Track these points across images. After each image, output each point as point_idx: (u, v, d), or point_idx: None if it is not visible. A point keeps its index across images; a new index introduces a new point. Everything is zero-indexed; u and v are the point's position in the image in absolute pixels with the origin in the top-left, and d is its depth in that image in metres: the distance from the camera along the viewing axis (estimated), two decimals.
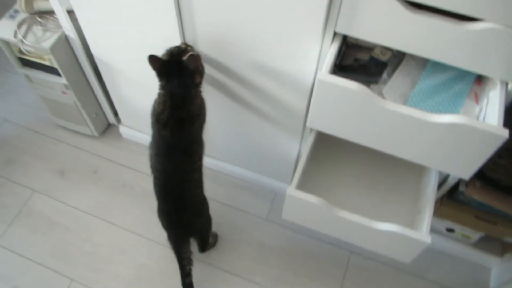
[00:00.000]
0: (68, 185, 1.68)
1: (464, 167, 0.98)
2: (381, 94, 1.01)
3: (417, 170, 1.36)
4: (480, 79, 1.00)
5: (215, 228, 1.52)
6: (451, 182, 1.24)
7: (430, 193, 1.20)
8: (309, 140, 1.28)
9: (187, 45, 1.13)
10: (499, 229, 1.29)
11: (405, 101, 1.00)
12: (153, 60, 1.06)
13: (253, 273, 1.51)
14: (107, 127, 1.82)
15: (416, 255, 1.18)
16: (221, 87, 1.29)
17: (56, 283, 1.48)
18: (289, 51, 1.06)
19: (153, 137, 1.17)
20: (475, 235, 1.42)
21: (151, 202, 1.60)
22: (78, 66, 1.51)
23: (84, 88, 1.58)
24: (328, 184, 1.37)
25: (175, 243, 1.33)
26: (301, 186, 1.23)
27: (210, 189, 1.65)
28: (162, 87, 1.10)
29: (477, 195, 1.21)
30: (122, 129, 1.77)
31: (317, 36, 0.99)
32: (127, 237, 1.57)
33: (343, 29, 0.95)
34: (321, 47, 1.02)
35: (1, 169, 1.71)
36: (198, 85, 1.12)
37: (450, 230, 1.45)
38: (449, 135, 0.91)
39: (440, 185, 1.25)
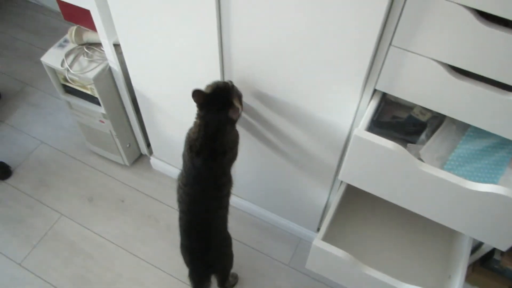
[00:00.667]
0: (95, 212, 1.71)
1: (501, 238, 0.94)
2: (418, 155, 0.99)
3: (449, 232, 1.31)
4: None
5: (235, 269, 1.49)
6: (485, 249, 1.19)
7: (462, 259, 1.15)
8: (339, 191, 1.26)
9: (232, 84, 1.14)
10: None
11: (442, 165, 0.98)
12: (197, 94, 1.08)
13: None
14: (139, 157, 1.85)
15: None
16: (252, 127, 1.30)
17: None
18: (326, 102, 1.07)
19: (184, 167, 1.18)
20: None
21: (174, 237, 1.61)
22: (118, 97, 1.55)
23: (121, 118, 1.63)
24: (355, 237, 1.33)
25: (197, 281, 1.31)
26: (328, 237, 1.21)
27: (233, 228, 1.63)
28: (200, 117, 1.11)
29: None
30: (153, 160, 1.79)
31: (357, 91, 0.99)
32: (148, 270, 1.57)
33: (383, 87, 0.95)
34: (359, 102, 1.02)
35: (33, 190, 1.76)
36: (235, 121, 1.14)
37: None
38: (487, 205, 0.87)
39: (473, 251, 1.21)
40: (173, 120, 1.48)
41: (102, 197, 1.75)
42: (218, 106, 1.09)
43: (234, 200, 1.68)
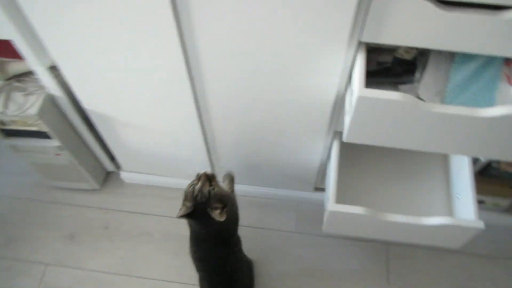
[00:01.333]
0: (81, 249, 1.57)
1: (509, 152, 0.97)
2: (416, 95, 0.98)
3: (443, 159, 1.36)
4: (509, 61, 0.99)
5: (248, 253, 1.47)
6: (484, 161, 1.24)
7: (468, 178, 1.18)
8: (335, 150, 1.25)
9: (210, 181, 1.07)
10: None
11: (443, 98, 0.98)
12: (182, 217, 1.06)
13: None
14: (107, 177, 1.71)
15: (467, 241, 1.19)
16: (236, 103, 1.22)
17: None
18: (310, 64, 1.00)
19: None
20: (506, 202, 1.44)
21: (174, 245, 1.53)
22: (68, 124, 1.39)
23: (78, 144, 1.47)
24: (357, 188, 1.34)
25: None
26: (337, 197, 1.20)
27: None
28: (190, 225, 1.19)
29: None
30: (124, 174, 1.66)
31: (341, 47, 0.94)
32: (164, 286, 1.49)
33: (369, 38, 0.91)
34: (345, 59, 0.97)
35: (4, 251, 1.57)
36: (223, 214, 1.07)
37: (480, 202, 1.46)
38: (501, 126, 0.89)
39: None
40: (137, 129, 1.35)
41: (84, 231, 1.61)
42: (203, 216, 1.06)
43: None
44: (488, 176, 1.31)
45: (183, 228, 1.53)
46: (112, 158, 1.64)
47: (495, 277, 1.47)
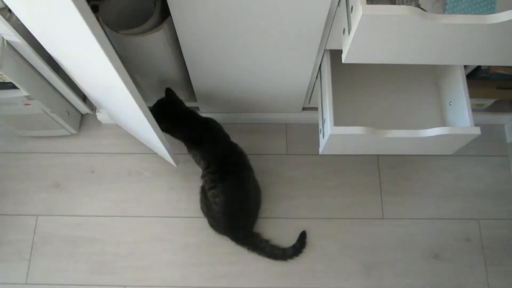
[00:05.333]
0: (70, 196, 1.52)
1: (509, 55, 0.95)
2: (417, 5, 0.92)
3: (429, 66, 1.33)
4: None
5: None
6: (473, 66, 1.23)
7: (460, 85, 1.18)
8: (326, 71, 1.19)
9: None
10: None
11: (444, 5, 0.92)
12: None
13: (295, 209, 1.50)
14: (82, 120, 1.61)
15: (462, 147, 1.21)
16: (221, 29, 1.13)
17: None
18: None
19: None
20: (490, 102, 1.46)
21: (165, 180, 1.55)
22: (33, 70, 1.26)
23: (47, 90, 1.35)
24: (349, 106, 1.31)
25: (251, 243, 1.43)
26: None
27: None
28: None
29: (502, 69, 1.21)
30: (100, 116, 1.56)
31: None
32: (159, 224, 1.49)
33: None
34: None
35: None
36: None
37: None
38: (506, 32, 0.85)
39: None
40: None
41: (69, 178, 1.54)
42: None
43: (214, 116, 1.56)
44: (476, 78, 1.31)
45: (172, 163, 1.51)
46: (84, 99, 1.53)
47: (479, 174, 1.55)
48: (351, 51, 0.93)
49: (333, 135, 1.14)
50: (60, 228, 1.48)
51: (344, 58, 0.96)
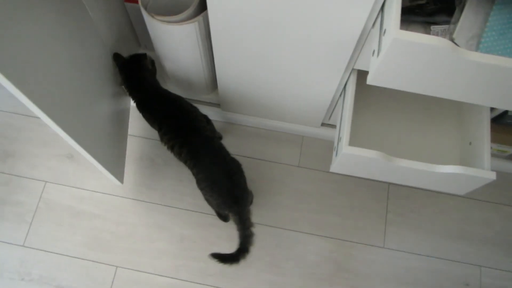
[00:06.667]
0: (80, 169, 1.55)
1: None
2: (450, 38, 0.91)
3: (456, 106, 1.32)
4: None
5: (249, 184, 1.47)
6: (500, 109, 1.20)
7: (484, 126, 1.16)
8: (350, 90, 1.19)
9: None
10: None
11: (478, 43, 0.91)
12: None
13: (296, 222, 1.49)
14: None
15: (475, 189, 1.18)
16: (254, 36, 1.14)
17: (101, 274, 1.42)
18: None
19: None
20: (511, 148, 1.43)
21: (177, 171, 1.55)
22: None
23: None
24: (368, 129, 1.31)
25: (240, 212, 1.28)
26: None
27: (235, 144, 1.58)
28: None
29: None
30: None
31: None
32: (161, 212, 1.50)
33: None
34: None
35: (1, 166, 1.54)
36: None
37: None
38: None
39: None
40: None
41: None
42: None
43: (228, 116, 1.57)
44: (502, 123, 1.28)
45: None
46: None
47: (489, 221, 1.51)
48: (377, 74, 0.93)
49: (345, 154, 1.13)
50: (65, 198, 1.51)
51: (369, 80, 0.95)
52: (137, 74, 1.36)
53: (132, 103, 1.38)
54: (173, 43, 1.24)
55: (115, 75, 1.39)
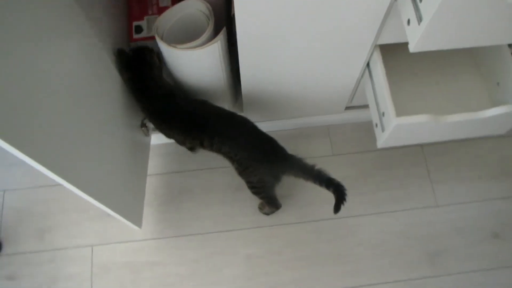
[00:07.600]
0: (119, 224, 1.48)
1: None
2: None
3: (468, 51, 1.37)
4: None
5: (289, 188, 1.51)
6: None
7: (510, 65, 1.21)
8: (379, 65, 1.21)
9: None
10: None
11: None
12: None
13: (349, 208, 1.47)
14: None
15: None
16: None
17: None
18: None
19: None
20: None
21: (218, 195, 1.54)
22: None
23: None
24: (398, 98, 1.33)
25: (294, 163, 1.31)
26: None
27: None
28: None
29: None
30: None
31: None
32: (217, 239, 1.47)
33: None
34: None
35: (38, 244, 1.46)
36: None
37: None
38: None
39: None
40: None
41: None
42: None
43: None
44: None
45: (221, 176, 1.50)
46: None
47: None
48: (423, 39, 0.95)
49: (398, 125, 1.15)
50: (117, 255, 1.45)
51: (413, 48, 0.98)
52: (147, 74, 1.23)
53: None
54: (196, 67, 1.23)
55: (131, 108, 1.30)
